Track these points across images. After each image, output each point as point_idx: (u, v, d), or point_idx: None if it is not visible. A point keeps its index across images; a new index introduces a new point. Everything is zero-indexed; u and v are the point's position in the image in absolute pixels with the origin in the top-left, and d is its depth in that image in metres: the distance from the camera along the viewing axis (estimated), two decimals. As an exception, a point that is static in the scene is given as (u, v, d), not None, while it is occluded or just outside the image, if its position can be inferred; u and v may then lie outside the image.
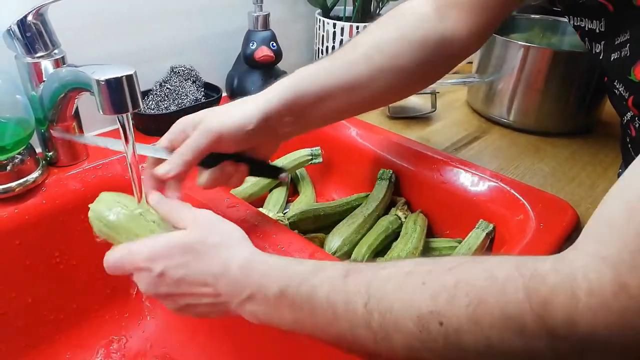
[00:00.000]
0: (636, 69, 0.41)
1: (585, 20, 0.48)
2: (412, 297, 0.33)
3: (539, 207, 0.61)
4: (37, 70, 0.57)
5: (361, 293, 0.34)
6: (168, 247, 0.41)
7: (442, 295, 0.32)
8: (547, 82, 0.81)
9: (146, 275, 0.42)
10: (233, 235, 0.43)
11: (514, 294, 0.29)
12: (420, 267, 0.34)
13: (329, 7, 0.98)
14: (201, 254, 0.41)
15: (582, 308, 0.28)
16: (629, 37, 0.42)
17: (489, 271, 0.31)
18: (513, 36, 0.95)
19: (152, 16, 0.76)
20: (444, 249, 0.67)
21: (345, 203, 0.73)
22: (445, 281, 0.32)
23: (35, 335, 0.61)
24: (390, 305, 0.33)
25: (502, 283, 0.30)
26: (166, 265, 0.41)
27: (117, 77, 0.40)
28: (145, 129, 0.75)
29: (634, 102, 0.43)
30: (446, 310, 0.31)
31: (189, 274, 0.41)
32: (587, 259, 0.29)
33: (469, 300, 0.31)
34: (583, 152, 0.80)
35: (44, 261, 0.60)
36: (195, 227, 0.42)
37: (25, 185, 0.58)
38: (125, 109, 0.41)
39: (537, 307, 0.29)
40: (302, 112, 0.52)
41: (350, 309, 0.35)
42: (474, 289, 0.31)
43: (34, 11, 0.54)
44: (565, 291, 0.28)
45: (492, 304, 0.30)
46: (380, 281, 0.34)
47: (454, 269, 0.33)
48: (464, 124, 0.89)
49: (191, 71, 0.80)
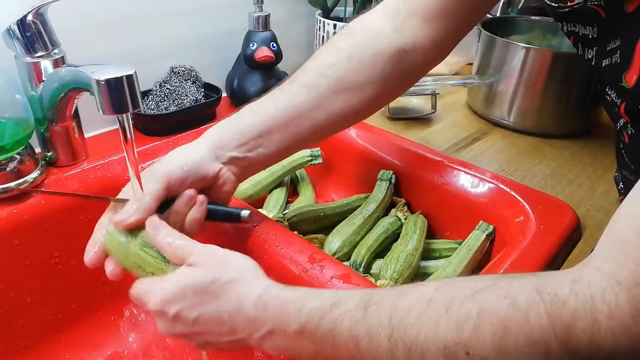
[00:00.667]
0: (627, 75, 0.41)
1: (578, 25, 0.48)
2: (437, 327, 0.33)
3: (539, 208, 0.61)
4: (37, 70, 0.57)
5: (384, 325, 0.35)
6: (180, 288, 0.41)
7: (467, 324, 0.32)
8: (547, 84, 0.81)
9: (162, 318, 0.42)
10: (245, 269, 0.42)
11: (537, 321, 0.30)
12: (441, 293, 0.34)
13: (330, 8, 0.98)
14: (215, 293, 0.40)
15: (604, 332, 0.29)
16: (620, 43, 0.42)
17: (511, 298, 0.32)
18: (513, 38, 0.95)
19: (152, 16, 0.76)
20: (444, 250, 0.67)
21: (345, 204, 0.73)
22: (469, 310, 0.32)
23: (34, 335, 0.61)
24: (414, 336, 0.33)
25: (525, 310, 0.31)
26: (180, 308, 0.40)
27: (117, 77, 0.40)
28: (145, 129, 0.75)
29: (626, 109, 0.43)
30: (472, 340, 0.32)
31: (204, 313, 0.40)
32: (604, 281, 0.29)
33: (494, 329, 0.31)
34: (583, 154, 0.79)
35: (43, 261, 0.60)
36: (205, 264, 0.41)
37: (25, 185, 0.58)
38: (125, 109, 0.41)
39: (561, 332, 0.29)
40: (249, 147, 0.51)
41: (374, 342, 0.35)
42: (498, 317, 0.31)
43: (34, 11, 0.54)
44: (587, 316, 0.29)
45: (516, 331, 0.31)
46: (402, 312, 0.34)
47: (475, 295, 0.33)
48: (464, 125, 0.89)
49: (191, 71, 0.80)
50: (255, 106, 0.52)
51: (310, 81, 0.52)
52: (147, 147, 0.70)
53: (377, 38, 0.52)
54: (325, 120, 0.52)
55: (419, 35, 0.52)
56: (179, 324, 0.41)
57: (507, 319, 0.31)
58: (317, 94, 0.51)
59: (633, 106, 0.42)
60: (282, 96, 0.52)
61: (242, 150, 0.51)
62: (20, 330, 0.60)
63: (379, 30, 0.53)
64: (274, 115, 0.51)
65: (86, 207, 0.62)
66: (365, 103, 0.53)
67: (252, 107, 0.52)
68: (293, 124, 0.51)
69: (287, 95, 0.52)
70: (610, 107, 0.48)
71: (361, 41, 0.52)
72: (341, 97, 0.52)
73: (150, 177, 0.46)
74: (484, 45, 0.88)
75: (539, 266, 0.53)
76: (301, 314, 0.38)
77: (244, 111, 0.52)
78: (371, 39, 0.52)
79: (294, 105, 0.51)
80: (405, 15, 0.52)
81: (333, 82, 0.51)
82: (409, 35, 0.52)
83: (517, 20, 0.99)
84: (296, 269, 0.51)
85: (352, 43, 0.53)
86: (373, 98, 0.54)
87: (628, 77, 0.41)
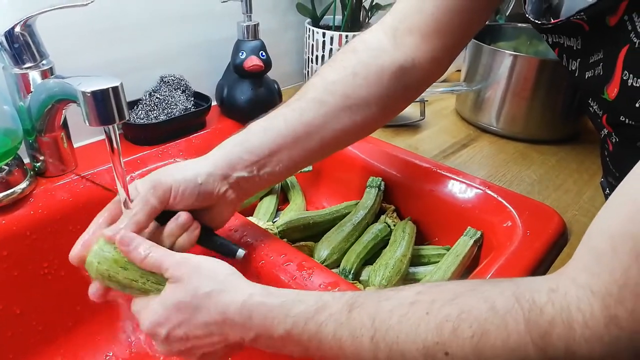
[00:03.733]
0: (609, 88, 0.41)
1: (563, 37, 0.49)
2: (417, 327, 0.34)
3: (525, 214, 0.61)
4: (25, 81, 0.57)
5: (367, 327, 0.36)
6: (165, 309, 0.41)
7: (446, 326, 0.33)
8: (534, 90, 0.82)
9: (156, 339, 0.43)
10: (223, 276, 0.42)
11: (514, 326, 0.31)
12: (423, 297, 0.35)
13: (319, 17, 0.99)
14: (196, 307, 0.41)
15: (579, 339, 0.30)
16: (602, 56, 0.43)
17: (490, 302, 0.33)
18: (500, 44, 0.96)
19: (141, 25, 0.77)
20: (433, 256, 0.67)
21: (334, 211, 0.73)
22: (449, 312, 0.33)
23: (24, 346, 0.61)
24: (396, 336, 0.34)
25: (503, 315, 0.32)
26: (168, 329, 0.41)
27: (103, 89, 0.40)
28: (134, 138, 0.75)
29: (608, 121, 0.44)
30: (451, 341, 0.33)
31: (192, 329, 0.41)
32: (579, 291, 0.31)
33: (473, 331, 0.32)
34: (570, 160, 0.80)
35: (32, 272, 0.60)
36: (181, 278, 0.41)
37: (13, 196, 0.58)
38: (111, 120, 0.41)
39: (538, 338, 0.31)
40: (258, 167, 0.50)
41: (357, 343, 0.36)
42: (477, 320, 0.32)
43: (22, 22, 0.54)
44: (563, 324, 0.30)
45: (494, 335, 0.32)
46: (385, 313, 0.36)
47: (456, 298, 0.34)
48: (453, 131, 0.89)
49: (181, 80, 0.80)
50: (264, 124, 0.51)
51: (318, 98, 0.52)
52: (137, 157, 0.70)
53: (379, 56, 0.53)
54: (332, 137, 0.52)
55: (418, 52, 0.53)
56: (173, 343, 0.42)
57: (486, 322, 0.32)
58: (325, 111, 0.51)
59: (614, 118, 0.42)
60: (292, 113, 0.51)
61: (250, 171, 0.50)
62: (10, 342, 0.59)
63: (380, 48, 0.53)
64: (284, 133, 0.50)
65: (75, 217, 0.62)
66: (370, 119, 0.54)
67: (262, 125, 0.51)
68: (301, 141, 0.51)
69: (297, 112, 0.51)
70: (593, 118, 0.48)
71: (364, 59, 0.53)
72: (348, 114, 0.52)
73: (149, 189, 0.46)
74: (472, 53, 0.89)
75: (526, 271, 0.53)
76: (287, 320, 0.38)
77: (253, 129, 0.51)
78: (373, 56, 0.53)
79: (304, 122, 0.51)
80: (403, 33, 0.53)
81: (340, 99, 0.52)
82: (408, 53, 0.53)
83: (504, 27, 1.00)
84: (285, 277, 0.51)
85: (355, 60, 0.53)
86: (377, 114, 0.54)
87: (609, 89, 0.41)
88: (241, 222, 0.59)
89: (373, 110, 0.53)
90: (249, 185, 0.50)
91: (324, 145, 0.52)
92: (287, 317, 0.39)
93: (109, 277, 0.43)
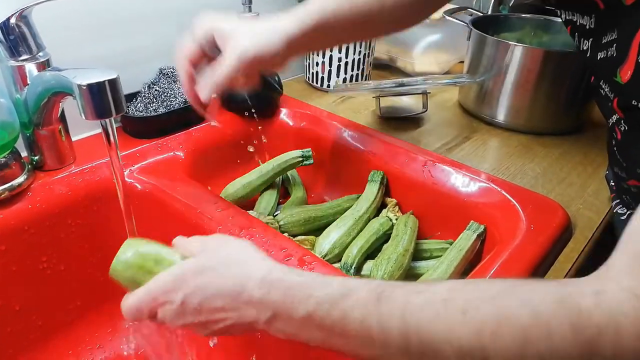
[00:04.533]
0: (622, 70, 0.40)
1: (576, 14, 0.47)
2: (452, 327, 0.32)
3: (529, 208, 0.61)
4: (22, 74, 0.56)
5: (396, 319, 0.34)
6: (182, 274, 0.40)
7: (486, 330, 0.31)
8: (538, 82, 0.81)
9: (169, 308, 0.40)
10: (245, 249, 0.42)
11: (560, 332, 0.30)
12: (457, 295, 0.34)
13: (320, 7, 0.97)
14: (214, 272, 0.39)
15: (626, 344, 0.29)
16: (617, 36, 0.41)
17: (531, 306, 0.31)
18: (504, 35, 0.95)
19: (140, 17, 0.76)
20: (435, 250, 0.66)
21: (336, 205, 0.73)
22: (487, 314, 0.32)
23: (23, 341, 0.60)
24: (429, 333, 0.33)
25: (547, 321, 0.30)
26: (185, 293, 0.39)
27: (99, 82, 0.39)
28: (133, 131, 0.74)
29: (619, 104, 0.43)
30: (491, 346, 0.31)
31: (208, 296, 0.39)
32: (623, 294, 0.30)
33: (514, 337, 0.31)
34: (574, 152, 0.79)
35: (31, 267, 0.60)
36: (204, 249, 0.41)
37: (11, 190, 0.57)
38: (108, 113, 0.40)
39: (585, 345, 0.29)
40: (326, 34, 0.57)
41: (387, 334, 0.34)
42: (520, 326, 0.31)
43: (17, 14, 0.53)
44: (610, 330, 0.29)
45: (537, 341, 0.30)
46: (416, 307, 0.34)
47: (493, 299, 0.32)
48: (455, 124, 0.88)
49: (180, 73, 0.79)
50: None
51: None
52: (136, 150, 0.69)
53: None
54: (379, 24, 0.61)
55: None
56: (186, 312, 0.39)
57: (530, 329, 0.31)
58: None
59: (626, 102, 0.41)
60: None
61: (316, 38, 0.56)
62: (9, 337, 0.59)
63: None
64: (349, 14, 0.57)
65: (74, 211, 0.62)
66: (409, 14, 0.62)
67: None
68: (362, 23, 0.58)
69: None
70: (603, 102, 0.47)
71: None
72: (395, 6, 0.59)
73: (236, 52, 0.52)
74: (475, 44, 0.88)
75: (530, 265, 0.53)
76: (309, 300, 0.36)
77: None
78: None
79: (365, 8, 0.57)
80: None
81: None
82: None
83: (508, 17, 0.99)
84: (285, 272, 0.50)
85: None
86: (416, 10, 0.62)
87: (623, 71, 0.40)
88: (242, 217, 0.58)
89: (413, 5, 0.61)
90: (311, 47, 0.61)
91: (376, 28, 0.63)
92: (310, 297, 0.36)
93: (136, 281, 0.42)
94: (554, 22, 0.94)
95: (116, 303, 0.56)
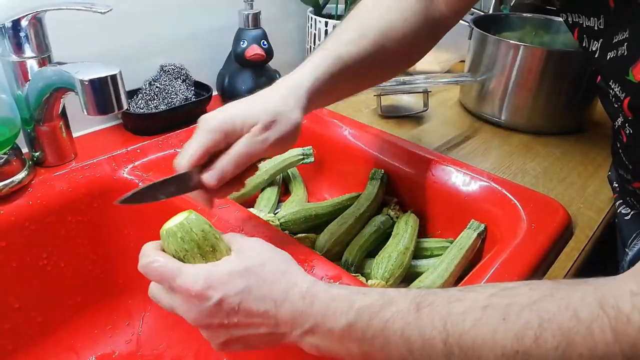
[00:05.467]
0: (635, 68, 0.40)
1: (582, 17, 0.47)
2: (494, 334, 0.32)
3: (530, 207, 0.61)
4: (23, 69, 0.56)
5: (438, 329, 0.34)
6: (228, 272, 0.38)
7: (527, 335, 0.31)
8: (539, 81, 0.81)
9: (199, 304, 0.38)
10: (290, 262, 0.41)
11: (601, 336, 0.30)
12: (497, 300, 0.34)
13: (321, 6, 0.98)
14: (262, 278, 0.38)
15: None
16: (628, 35, 0.41)
17: (572, 310, 0.31)
18: (505, 35, 0.95)
19: (142, 14, 0.75)
20: (436, 249, 0.66)
21: (336, 203, 0.72)
22: (528, 319, 0.32)
23: (23, 338, 0.60)
24: (471, 341, 0.33)
25: (588, 324, 0.30)
26: (225, 293, 0.37)
27: (101, 77, 0.39)
28: (134, 128, 0.74)
29: (630, 104, 0.42)
30: (533, 351, 0.31)
31: (250, 299, 0.38)
32: None
33: (557, 341, 0.31)
34: (575, 152, 0.79)
35: (31, 263, 0.59)
36: (251, 252, 0.40)
37: (11, 186, 0.57)
38: (110, 109, 0.40)
39: (627, 349, 0.29)
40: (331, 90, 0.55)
41: (428, 345, 0.34)
42: (561, 329, 0.31)
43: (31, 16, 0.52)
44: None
45: (580, 345, 0.30)
46: (457, 316, 0.34)
47: (534, 304, 0.32)
48: (456, 123, 0.88)
49: (181, 70, 0.79)
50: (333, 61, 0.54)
51: (378, 42, 0.55)
52: (137, 147, 0.69)
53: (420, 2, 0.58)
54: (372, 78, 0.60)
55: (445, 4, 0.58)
56: (219, 312, 0.38)
57: (571, 332, 0.31)
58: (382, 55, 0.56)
59: (638, 101, 0.41)
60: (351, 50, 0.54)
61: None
62: (8, 333, 0.59)
63: None
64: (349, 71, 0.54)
65: (74, 208, 0.62)
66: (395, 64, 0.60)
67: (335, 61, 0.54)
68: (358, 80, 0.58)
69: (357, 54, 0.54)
70: (611, 103, 0.47)
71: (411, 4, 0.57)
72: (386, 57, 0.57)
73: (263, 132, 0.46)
74: (476, 43, 0.88)
75: (531, 265, 0.53)
76: (350, 311, 0.36)
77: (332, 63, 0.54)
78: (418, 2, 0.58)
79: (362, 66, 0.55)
80: None
81: (393, 44, 0.56)
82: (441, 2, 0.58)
83: (509, 17, 0.99)
84: (286, 269, 0.50)
85: (405, 4, 0.57)
86: (404, 59, 0.62)
87: (636, 70, 0.40)
88: (242, 214, 0.58)
89: (400, 56, 0.59)
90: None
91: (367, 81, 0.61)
92: (351, 309, 0.36)
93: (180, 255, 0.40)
94: (555, 22, 0.94)
95: (116, 300, 0.56)
